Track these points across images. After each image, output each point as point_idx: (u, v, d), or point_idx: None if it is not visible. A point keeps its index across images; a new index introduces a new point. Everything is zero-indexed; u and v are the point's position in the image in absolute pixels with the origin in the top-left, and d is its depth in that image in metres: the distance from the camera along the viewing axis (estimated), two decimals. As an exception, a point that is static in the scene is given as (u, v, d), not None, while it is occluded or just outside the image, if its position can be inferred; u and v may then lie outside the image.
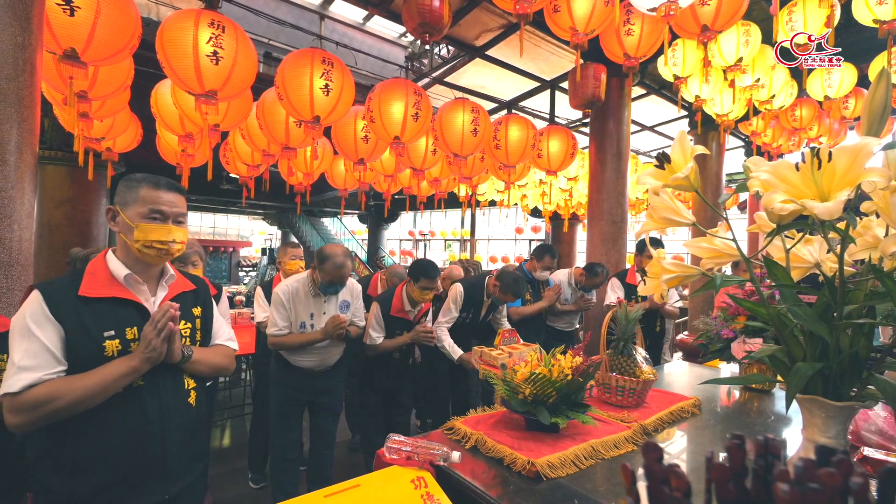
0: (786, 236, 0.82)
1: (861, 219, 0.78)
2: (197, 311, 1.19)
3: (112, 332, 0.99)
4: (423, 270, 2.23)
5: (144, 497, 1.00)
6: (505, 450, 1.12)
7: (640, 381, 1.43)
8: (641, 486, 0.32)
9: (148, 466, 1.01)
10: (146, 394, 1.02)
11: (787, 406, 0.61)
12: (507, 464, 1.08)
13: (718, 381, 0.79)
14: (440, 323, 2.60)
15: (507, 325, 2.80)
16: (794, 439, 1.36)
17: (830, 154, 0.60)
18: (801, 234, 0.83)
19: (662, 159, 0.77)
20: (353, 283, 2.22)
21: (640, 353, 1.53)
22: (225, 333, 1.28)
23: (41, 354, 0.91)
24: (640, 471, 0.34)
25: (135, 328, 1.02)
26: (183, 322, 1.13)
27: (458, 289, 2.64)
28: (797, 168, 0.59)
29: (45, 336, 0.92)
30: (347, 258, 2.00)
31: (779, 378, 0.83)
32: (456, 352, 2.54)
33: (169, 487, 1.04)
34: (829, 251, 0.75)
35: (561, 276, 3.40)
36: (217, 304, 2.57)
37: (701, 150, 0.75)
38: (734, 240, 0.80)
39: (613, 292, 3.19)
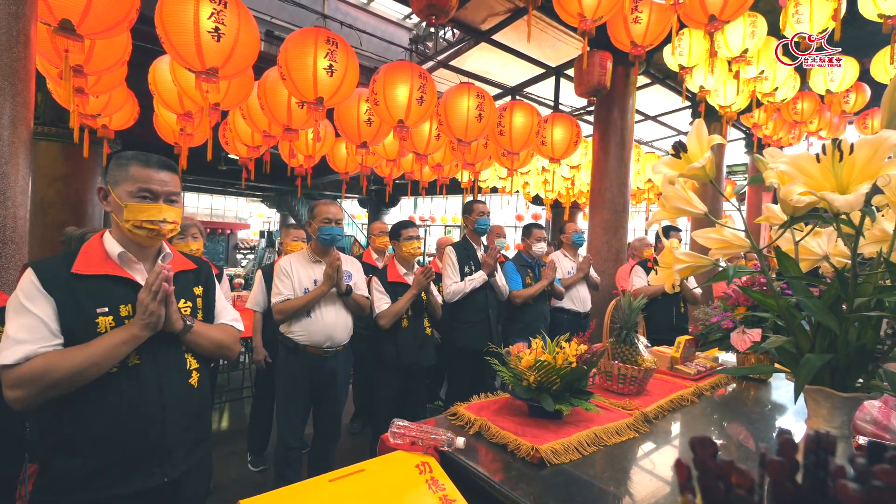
0: (794, 229, 0.82)
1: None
2: (198, 290, 1.16)
3: (106, 309, 0.97)
4: (399, 224, 2.43)
5: (143, 479, 0.99)
6: (509, 436, 1.13)
7: (641, 370, 1.46)
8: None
9: (147, 447, 0.99)
10: (145, 372, 1.00)
11: (796, 397, 0.62)
12: (511, 450, 1.10)
13: (729, 371, 0.80)
14: (448, 284, 2.63)
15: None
16: (788, 427, 1.39)
17: (852, 147, 0.60)
18: (808, 226, 0.84)
19: (679, 148, 0.77)
20: (351, 258, 2.28)
21: (642, 342, 1.55)
22: (229, 314, 1.25)
23: (36, 328, 0.90)
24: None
25: (129, 305, 1.00)
26: (183, 301, 1.10)
27: (448, 248, 2.73)
28: (817, 160, 0.59)
29: (38, 310, 0.91)
30: (336, 203, 2.11)
31: (781, 368, 0.84)
32: (480, 276, 2.62)
33: (169, 470, 1.02)
34: (844, 244, 0.75)
35: (555, 253, 3.44)
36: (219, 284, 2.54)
37: (718, 139, 0.74)
38: (746, 231, 0.80)
39: (640, 279, 3.22)
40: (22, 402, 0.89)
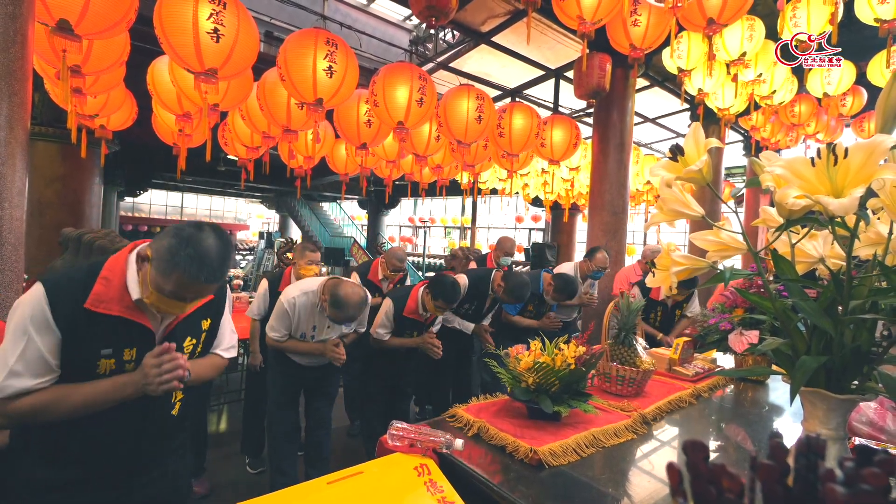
0: (790, 231, 0.83)
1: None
2: (206, 324, 1.13)
3: (109, 351, 0.94)
4: (443, 292, 2.16)
5: (115, 491, 1.01)
6: (507, 438, 1.14)
7: (639, 371, 1.46)
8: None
9: (121, 466, 1.01)
10: (130, 403, 0.97)
11: (792, 399, 0.63)
12: (510, 451, 1.10)
13: (727, 373, 0.80)
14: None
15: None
16: (785, 428, 1.40)
17: (846, 151, 0.61)
18: (805, 229, 0.84)
19: (676, 151, 0.77)
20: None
21: (641, 344, 1.55)
22: (226, 341, 1.21)
23: (35, 362, 0.88)
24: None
25: (134, 350, 0.97)
26: (189, 339, 1.08)
27: (462, 280, 2.65)
28: (812, 164, 0.59)
29: (42, 342, 0.88)
30: (364, 305, 1.88)
31: (779, 370, 0.84)
32: (468, 326, 2.61)
33: (137, 483, 1.04)
34: (839, 247, 0.76)
35: (566, 269, 3.40)
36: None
37: (715, 142, 0.75)
38: (742, 233, 0.80)
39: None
40: (5, 427, 0.92)
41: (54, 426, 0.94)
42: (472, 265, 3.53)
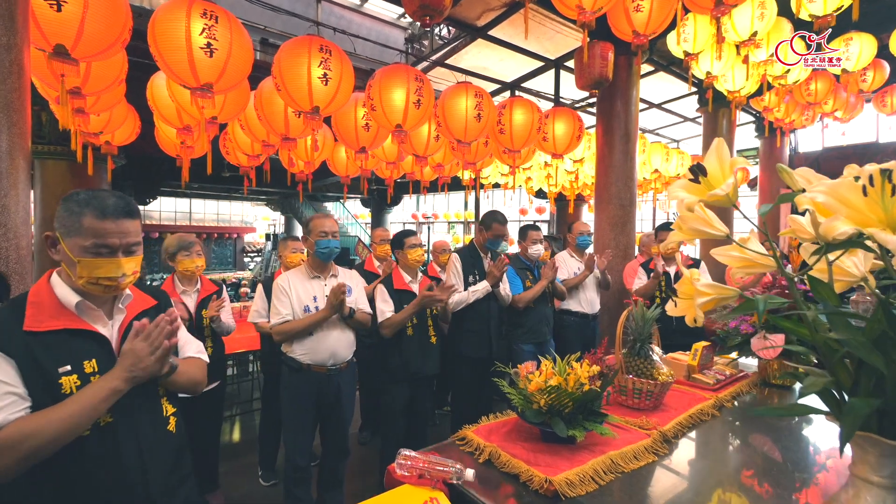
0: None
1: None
2: None
3: (68, 368, 0.89)
4: (401, 234, 2.45)
5: None
6: (521, 465, 1.08)
7: (657, 384, 1.39)
8: None
9: (129, 500, 0.96)
10: (120, 430, 0.93)
11: (842, 448, 0.55)
12: (524, 480, 1.05)
13: (768, 413, 0.74)
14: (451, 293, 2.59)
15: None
16: (818, 437, 1.32)
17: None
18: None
19: (697, 172, 0.70)
20: (352, 273, 2.25)
21: (657, 353, 1.48)
22: (193, 346, 1.19)
23: (1, 394, 0.82)
24: None
25: (93, 360, 0.92)
26: None
27: (453, 255, 2.68)
28: (864, 192, 0.52)
29: (1, 374, 0.83)
30: (330, 214, 2.09)
31: (819, 409, 0.77)
32: (484, 285, 2.54)
33: None
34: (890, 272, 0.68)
35: (561, 253, 3.36)
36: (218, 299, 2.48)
37: (742, 162, 0.67)
38: (775, 256, 0.73)
39: (638, 280, 3.14)
40: (3, 475, 0.82)
41: (50, 469, 0.89)
42: None
